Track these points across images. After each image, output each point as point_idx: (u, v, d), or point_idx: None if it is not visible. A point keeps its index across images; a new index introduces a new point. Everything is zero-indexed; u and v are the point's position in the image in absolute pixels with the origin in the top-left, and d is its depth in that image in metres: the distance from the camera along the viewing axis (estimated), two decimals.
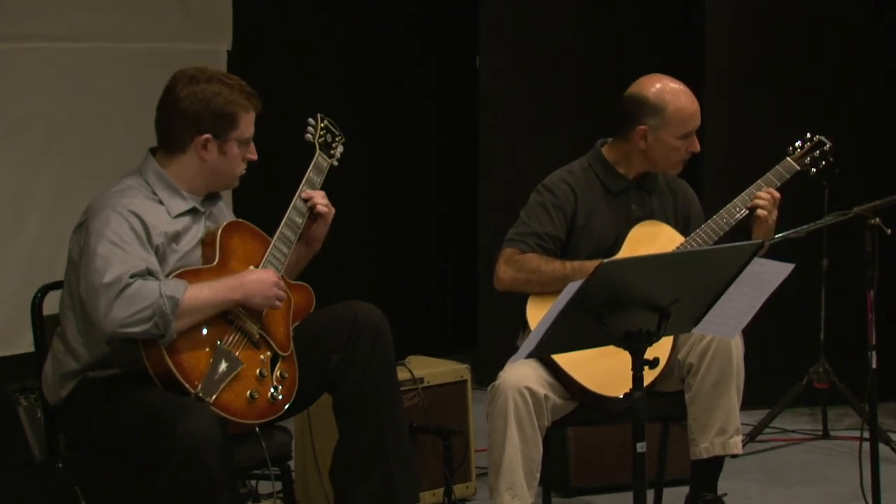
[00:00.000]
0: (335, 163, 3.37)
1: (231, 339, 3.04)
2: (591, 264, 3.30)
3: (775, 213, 3.56)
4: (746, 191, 3.60)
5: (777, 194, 3.57)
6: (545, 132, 5.40)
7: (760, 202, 3.55)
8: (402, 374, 3.79)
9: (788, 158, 3.67)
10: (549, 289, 3.43)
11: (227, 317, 3.05)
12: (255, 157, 3.20)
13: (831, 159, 3.71)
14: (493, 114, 5.51)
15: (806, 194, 4.13)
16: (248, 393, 3.02)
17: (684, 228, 3.64)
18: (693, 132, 3.57)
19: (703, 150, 3.77)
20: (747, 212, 3.56)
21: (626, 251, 3.53)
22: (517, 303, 3.54)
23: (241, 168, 3.18)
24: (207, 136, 3.10)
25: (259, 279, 3.08)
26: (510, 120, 5.48)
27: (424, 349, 4.25)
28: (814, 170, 3.70)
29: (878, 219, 3.51)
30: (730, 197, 3.60)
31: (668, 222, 3.63)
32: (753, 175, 3.64)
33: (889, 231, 3.53)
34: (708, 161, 4.94)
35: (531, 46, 5.46)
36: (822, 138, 3.71)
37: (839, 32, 5.13)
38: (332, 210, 3.31)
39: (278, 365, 3.11)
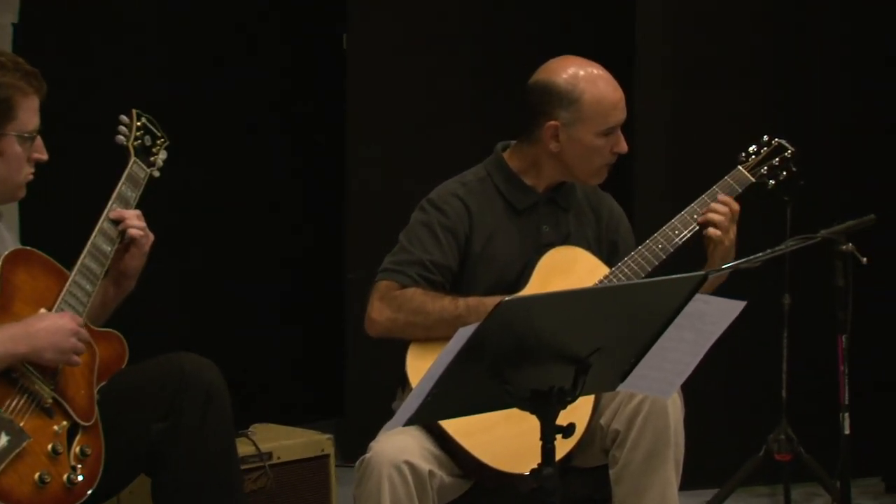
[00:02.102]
0: (156, 173, 3.37)
1: (14, 404, 3.01)
2: (491, 302, 3.32)
3: (733, 231, 3.60)
4: (688, 209, 3.64)
5: (735, 205, 3.61)
6: (431, 133, 5.42)
7: (715, 216, 3.59)
8: (244, 448, 3.77)
9: (741, 167, 3.72)
10: (435, 334, 3.45)
11: (11, 375, 3.03)
12: (44, 156, 3.18)
13: (794, 169, 3.78)
14: (364, 108, 5.51)
15: (763, 213, 4.19)
16: (37, 475, 2.99)
17: (609, 256, 3.68)
18: (617, 127, 3.61)
19: (634, 156, 3.81)
20: (688, 236, 3.61)
21: (535, 285, 3.55)
22: (395, 352, 3.54)
23: (26, 173, 3.16)
24: None
25: (52, 327, 3.06)
26: (387, 117, 5.49)
27: (274, 415, 4.23)
28: (772, 182, 3.76)
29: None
30: (667, 216, 3.65)
31: (588, 248, 3.67)
32: (697, 187, 3.69)
33: (865, 260, 3.59)
34: (640, 170, 5.01)
35: (414, 21, 5.47)
36: (783, 142, 3.78)
37: (809, 15, 5.23)
38: (151, 236, 3.29)
39: (78, 438, 3.09)
